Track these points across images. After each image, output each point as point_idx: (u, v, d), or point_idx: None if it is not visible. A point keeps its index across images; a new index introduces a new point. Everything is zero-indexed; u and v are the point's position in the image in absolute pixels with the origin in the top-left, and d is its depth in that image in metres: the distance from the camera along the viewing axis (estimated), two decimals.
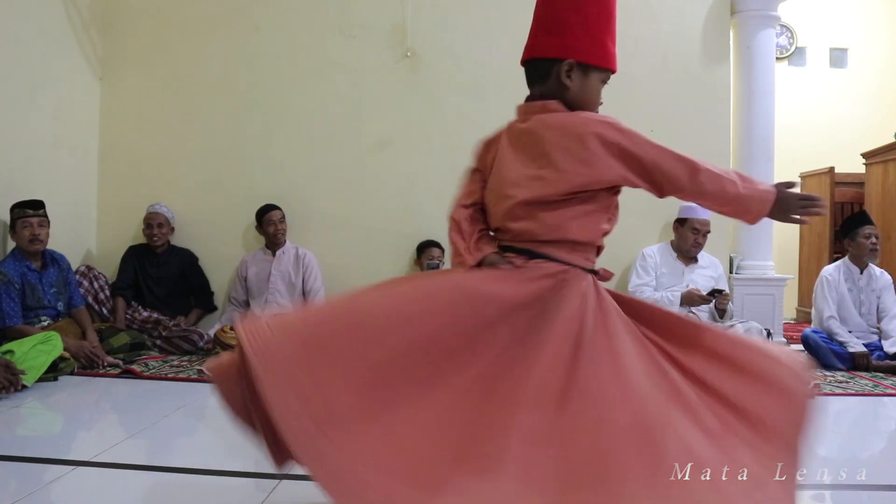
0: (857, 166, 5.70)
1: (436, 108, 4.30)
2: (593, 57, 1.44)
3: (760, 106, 4.47)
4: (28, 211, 3.39)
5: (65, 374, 3.16)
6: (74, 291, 3.64)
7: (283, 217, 4.22)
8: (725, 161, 4.45)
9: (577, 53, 1.43)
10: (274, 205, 4.22)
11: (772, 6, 4.47)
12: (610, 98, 4.72)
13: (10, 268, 3.32)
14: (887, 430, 2.80)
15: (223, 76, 4.47)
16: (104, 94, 4.51)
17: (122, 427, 2.51)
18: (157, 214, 4.19)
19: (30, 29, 3.82)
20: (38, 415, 2.66)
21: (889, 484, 2.03)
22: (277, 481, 1.87)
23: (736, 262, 4.47)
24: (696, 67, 4.41)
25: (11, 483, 1.87)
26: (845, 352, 3.80)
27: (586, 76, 1.45)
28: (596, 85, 1.48)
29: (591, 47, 1.44)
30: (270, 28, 4.45)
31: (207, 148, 4.47)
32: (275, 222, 4.17)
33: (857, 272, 4.02)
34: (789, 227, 6.07)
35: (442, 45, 4.29)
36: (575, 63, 1.43)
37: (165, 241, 4.22)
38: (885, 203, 5.17)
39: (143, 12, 4.50)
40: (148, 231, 4.16)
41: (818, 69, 6.59)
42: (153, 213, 4.19)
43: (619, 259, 4.33)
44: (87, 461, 2.04)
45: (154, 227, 4.16)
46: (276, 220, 4.18)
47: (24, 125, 3.80)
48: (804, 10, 6.41)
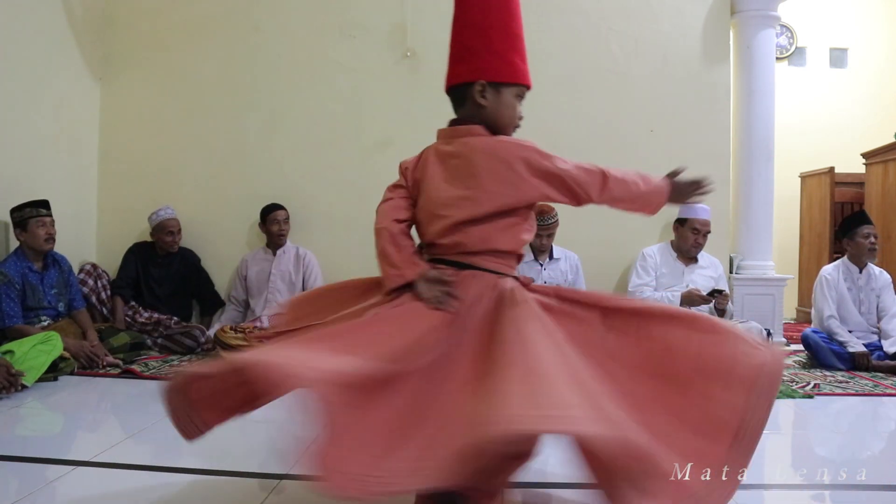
0: (857, 166, 5.70)
1: (436, 108, 4.27)
2: (502, 75, 1.57)
3: (760, 106, 4.48)
4: (42, 210, 3.43)
5: (65, 374, 3.16)
6: (75, 293, 3.65)
7: (288, 217, 4.23)
8: (725, 161, 4.46)
9: (486, 74, 1.56)
10: (279, 204, 4.24)
11: (772, 6, 4.47)
12: (610, 98, 4.74)
13: (10, 268, 3.33)
14: (887, 430, 2.80)
15: (223, 76, 4.47)
16: (104, 94, 4.51)
17: (122, 427, 2.51)
18: (173, 220, 4.17)
19: (30, 29, 3.82)
20: (38, 415, 2.66)
21: (889, 484, 2.02)
22: (277, 481, 1.88)
23: (736, 262, 4.47)
24: (696, 67, 4.41)
25: (12, 483, 1.87)
26: (845, 352, 3.80)
27: (499, 94, 1.57)
28: (510, 101, 1.59)
29: (499, 67, 1.57)
30: (270, 28, 4.45)
31: (207, 148, 4.47)
32: (279, 222, 4.18)
33: (856, 272, 4.02)
34: (789, 227, 6.11)
35: (442, 45, 4.26)
36: (486, 83, 1.56)
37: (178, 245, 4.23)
38: (885, 203, 5.17)
39: (143, 12, 4.50)
40: (169, 238, 4.13)
41: (818, 69, 6.59)
42: (170, 220, 4.15)
43: (619, 259, 4.34)
44: (88, 461, 2.04)
45: (175, 234, 4.16)
46: (281, 219, 4.19)
47: (24, 125, 3.80)
48: (804, 10, 6.41)
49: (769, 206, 4.51)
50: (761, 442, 1.41)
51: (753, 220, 4.49)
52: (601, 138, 4.35)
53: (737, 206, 4.53)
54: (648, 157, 4.36)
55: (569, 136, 4.31)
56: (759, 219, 4.49)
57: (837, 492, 1.97)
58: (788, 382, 3.39)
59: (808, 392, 3.20)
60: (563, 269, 4.01)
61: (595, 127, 4.36)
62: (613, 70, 4.39)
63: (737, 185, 4.54)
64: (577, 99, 4.38)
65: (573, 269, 4.05)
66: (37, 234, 3.39)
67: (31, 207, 3.41)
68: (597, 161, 1.57)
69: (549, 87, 4.35)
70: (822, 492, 1.98)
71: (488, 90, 1.56)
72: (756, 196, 4.48)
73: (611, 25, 4.39)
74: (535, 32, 4.36)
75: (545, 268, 3.98)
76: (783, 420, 2.84)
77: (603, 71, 4.39)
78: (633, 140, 4.36)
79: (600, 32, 4.40)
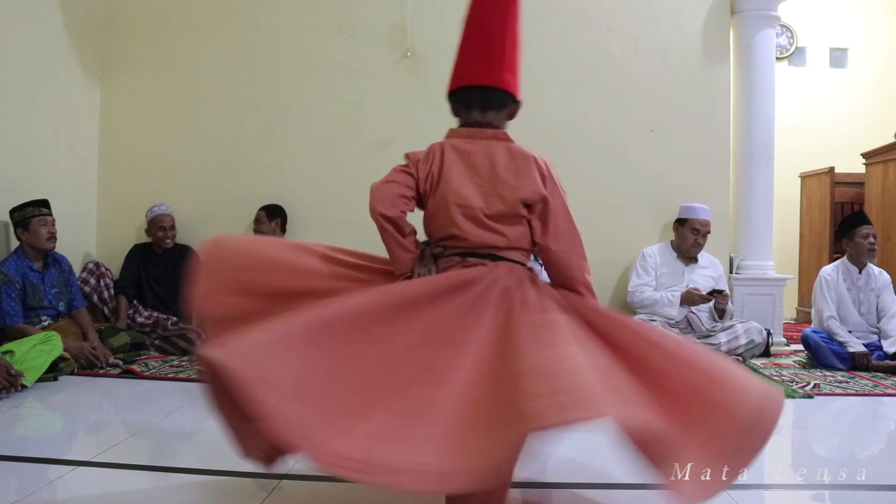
0: (857, 166, 5.70)
1: (436, 108, 4.27)
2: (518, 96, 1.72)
3: (760, 106, 4.47)
4: (44, 210, 3.44)
5: (65, 374, 3.16)
6: (76, 293, 3.65)
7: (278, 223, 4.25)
8: (725, 161, 4.46)
9: (519, 96, 1.72)
10: (273, 206, 4.24)
11: (772, 6, 4.47)
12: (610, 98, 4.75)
13: (11, 267, 3.33)
14: (887, 430, 2.80)
15: (223, 76, 4.47)
16: (104, 94, 4.51)
17: (122, 427, 2.51)
18: (166, 216, 4.19)
19: (29, 30, 3.82)
20: (38, 415, 2.67)
21: (889, 484, 2.03)
22: (277, 481, 1.88)
23: (736, 262, 4.47)
24: (696, 67, 4.41)
25: (12, 483, 1.87)
26: (845, 352, 3.80)
27: None
28: None
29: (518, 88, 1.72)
30: (270, 28, 4.45)
31: (207, 148, 4.47)
32: (259, 222, 4.22)
33: (855, 272, 4.02)
34: (789, 227, 6.12)
35: (442, 45, 4.29)
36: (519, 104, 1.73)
37: (173, 241, 4.23)
38: (885, 203, 5.17)
39: (143, 12, 4.50)
40: (161, 234, 4.15)
41: (818, 69, 6.58)
42: (162, 216, 4.18)
43: (619, 259, 4.34)
44: (88, 461, 2.04)
45: (167, 229, 4.17)
46: (261, 221, 4.22)
47: (24, 125, 3.80)
48: (804, 10, 6.41)
49: (769, 206, 4.51)
50: None
51: (753, 220, 4.49)
52: (601, 138, 4.35)
53: (737, 206, 4.53)
54: (648, 157, 4.37)
55: (569, 136, 4.31)
56: (759, 219, 4.49)
57: (837, 492, 1.97)
58: (788, 382, 3.39)
59: (808, 392, 3.20)
60: None
61: (595, 127, 4.36)
62: (613, 70, 4.39)
63: (737, 185, 4.54)
64: (577, 99, 4.37)
65: None
66: (39, 233, 3.39)
67: (32, 207, 3.42)
68: (597, 160, 1.60)
69: (550, 87, 4.36)
70: (822, 492, 1.98)
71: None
72: (756, 196, 4.48)
73: (611, 25, 4.39)
74: (536, 32, 4.37)
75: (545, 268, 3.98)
76: (783, 420, 2.83)
77: (603, 71, 4.39)
78: (633, 140, 4.36)
79: (600, 32, 4.39)
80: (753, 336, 3.71)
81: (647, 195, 4.38)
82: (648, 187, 4.37)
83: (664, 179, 4.37)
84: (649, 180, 4.37)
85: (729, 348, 3.67)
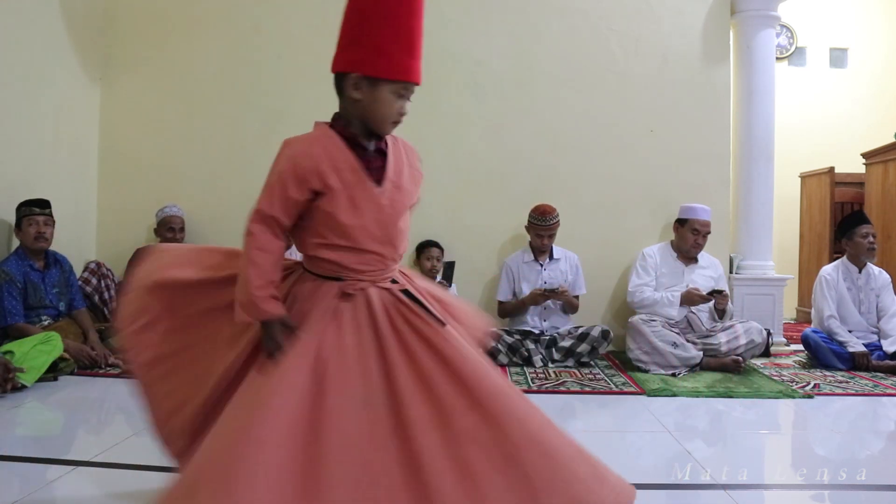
0: (857, 166, 5.70)
1: (436, 108, 4.31)
2: (378, 69, 1.49)
3: (760, 106, 4.47)
4: (35, 209, 3.43)
5: (65, 374, 3.17)
6: (76, 293, 3.65)
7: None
8: (725, 161, 4.45)
9: (362, 67, 1.49)
10: None
11: (772, 6, 4.47)
12: (610, 98, 4.75)
13: (12, 266, 3.34)
14: (887, 430, 2.80)
15: (223, 76, 4.47)
16: (104, 95, 4.51)
17: (122, 427, 2.51)
18: (176, 218, 4.17)
19: (29, 30, 3.82)
20: (38, 415, 2.67)
21: (889, 484, 2.03)
22: None
23: (736, 262, 4.47)
24: (696, 67, 4.41)
25: (12, 483, 1.87)
26: (845, 352, 3.80)
27: (375, 89, 1.50)
28: (386, 97, 1.51)
29: (376, 60, 1.49)
30: (270, 28, 4.45)
31: (208, 148, 4.47)
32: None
33: (855, 272, 4.02)
34: (789, 227, 6.12)
35: (442, 45, 4.29)
36: (361, 77, 1.49)
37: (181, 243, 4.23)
38: (885, 203, 5.17)
39: (142, 13, 4.50)
40: (170, 235, 4.12)
41: (818, 69, 6.58)
42: (173, 217, 4.16)
43: (619, 259, 4.34)
44: (88, 461, 2.04)
45: (176, 231, 4.16)
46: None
47: (24, 126, 3.80)
48: (804, 10, 6.41)
49: (769, 206, 4.51)
50: (762, 442, 1.41)
51: (753, 220, 4.49)
52: (601, 138, 4.35)
53: (737, 206, 4.53)
54: (648, 157, 4.37)
55: (569, 136, 4.31)
56: (759, 219, 4.49)
57: (837, 492, 1.97)
58: (788, 382, 3.39)
59: (808, 392, 3.20)
60: (562, 270, 4.01)
61: (595, 127, 4.36)
62: (613, 70, 4.39)
63: (737, 185, 4.54)
64: (577, 99, 4.37)
65: (573, 269, 4.05)
66: (28, 233, 3.40)
67: (25, 206, 3.43)
68: (597, 160, 1.58)
69: (550, 87, 4.35)
70: (822, 492, 1.98)
71: (363, 83, 1.50)
72: (756, 196, 4.48)
73: (611, 25, 4.39)
74: (536, 32, 4.37)
75: (545, 268, 3.99)
76: (783, 420, 2.84)
77: (603, 71, 4.39)
78: (633, 140, 4.36)
79: (600, 32, 4.39)
80: (753, 336, 3.71)
81: (647, 195, 4.38)
82: (648, 187, 4.37)
83: (664, 179, 4.37)
84: (649, 180, 4.37)
85: (729, 348, 3.68)
